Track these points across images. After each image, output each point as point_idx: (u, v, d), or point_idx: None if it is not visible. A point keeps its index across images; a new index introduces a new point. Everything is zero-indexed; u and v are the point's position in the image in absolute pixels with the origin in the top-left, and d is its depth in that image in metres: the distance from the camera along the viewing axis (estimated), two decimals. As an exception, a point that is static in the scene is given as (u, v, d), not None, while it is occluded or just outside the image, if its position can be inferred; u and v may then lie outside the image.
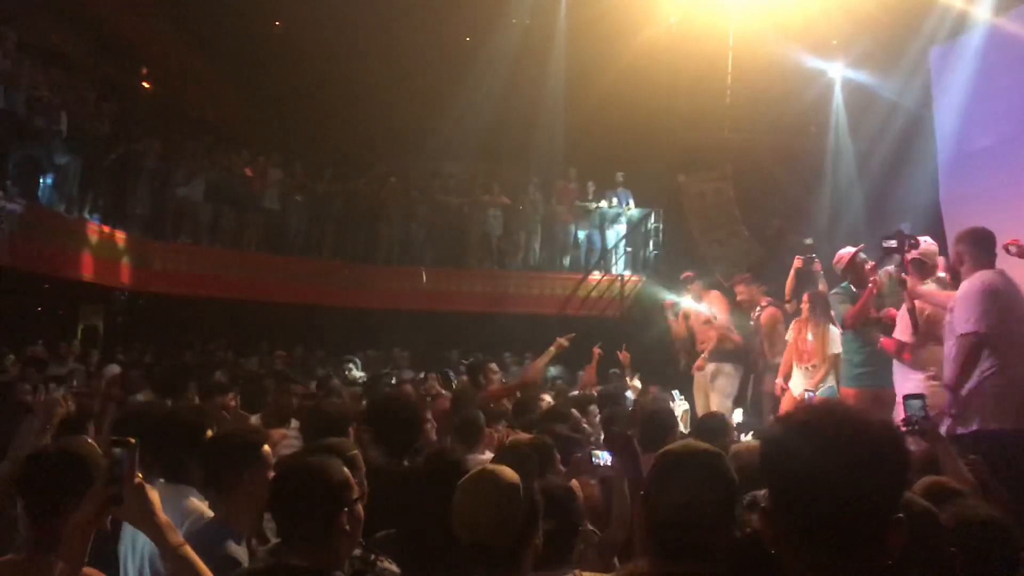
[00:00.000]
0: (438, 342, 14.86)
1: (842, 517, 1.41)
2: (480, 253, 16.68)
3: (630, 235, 16.59)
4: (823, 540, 1.42)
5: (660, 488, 2.14)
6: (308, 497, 2.39)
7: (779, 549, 1.47)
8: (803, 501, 1.43)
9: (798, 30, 11.98)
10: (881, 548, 1.43)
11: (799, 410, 1.55)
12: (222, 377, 8.84)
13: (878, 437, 1.45)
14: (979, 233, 5.08)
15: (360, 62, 15.41)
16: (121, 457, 2.08)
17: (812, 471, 1.43)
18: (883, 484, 1.44)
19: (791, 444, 1.47)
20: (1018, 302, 4.98)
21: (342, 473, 2.47)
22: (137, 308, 14.79)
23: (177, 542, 2.12)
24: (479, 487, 2.38)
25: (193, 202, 14.51)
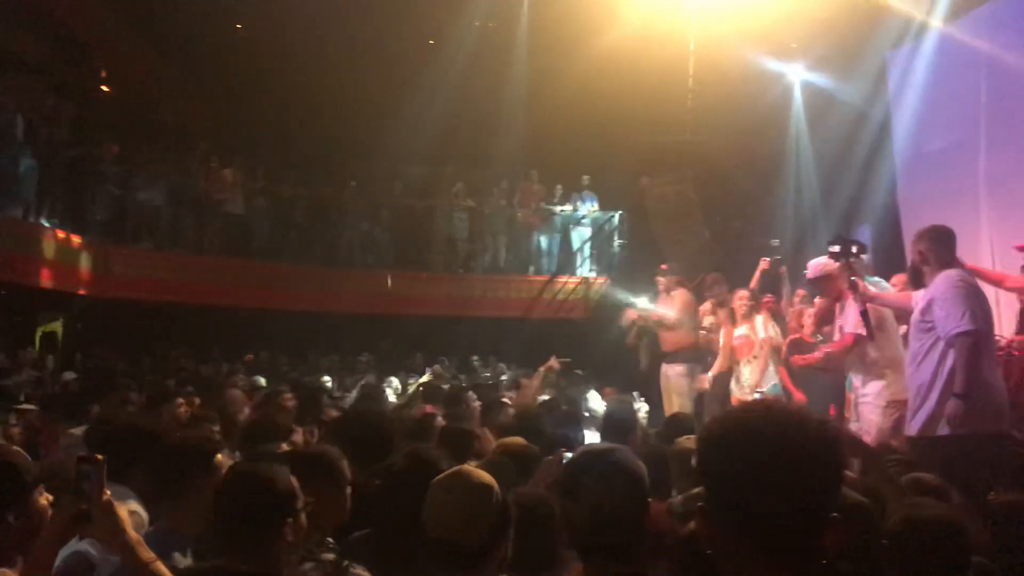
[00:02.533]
0: (403, 346, 14.83)
1: (778, 516, 1.40)
2: (445, 256, 16.66)
3: (595, 237, 16.65)
4: (759, 539, 1.41)
5: (571, 492, 2.13)
6: (252, 504, 2.38)
7: (715, 548, 1.46)
8: (739, 500, 1.42)
9: (758, 34, 12.10)
10: (818, 547, 1.42)
11: (736, 409, 1.54)
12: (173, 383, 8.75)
13: (814, 436, 1.44)
14: (941, 231, 5.04)
15: (322, 64, 15.32)
16: (88, 474, 2.06)
17: (748, 470, 1.42)
18: (819, 483, 1.42)
19: (727, 443, 1.46)
20: (986, 303, 4.97)
21: (288, 482, 2.46)
22: (96, 314, 14.55)
23: (149, 558, 2.10)
24: (451, 484, 2.39)
25: (153, 206, 14.33)
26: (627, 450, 2.29)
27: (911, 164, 10.39)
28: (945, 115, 9.81)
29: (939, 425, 4.72)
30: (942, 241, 4.99)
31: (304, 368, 13.38)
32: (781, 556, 1.41)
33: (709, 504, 1.47)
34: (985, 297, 4.99)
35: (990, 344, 4.90)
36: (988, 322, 4.86)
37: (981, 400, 4.68)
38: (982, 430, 4.66)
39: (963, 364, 4.65)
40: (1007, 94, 8.74)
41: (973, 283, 4.87)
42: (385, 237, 16.56)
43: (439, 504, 2.36)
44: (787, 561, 1.41)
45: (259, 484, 2.42)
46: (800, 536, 1.41)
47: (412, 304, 15.99)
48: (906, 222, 9.78)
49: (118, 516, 2.07)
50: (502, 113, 15.50)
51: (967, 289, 4.76)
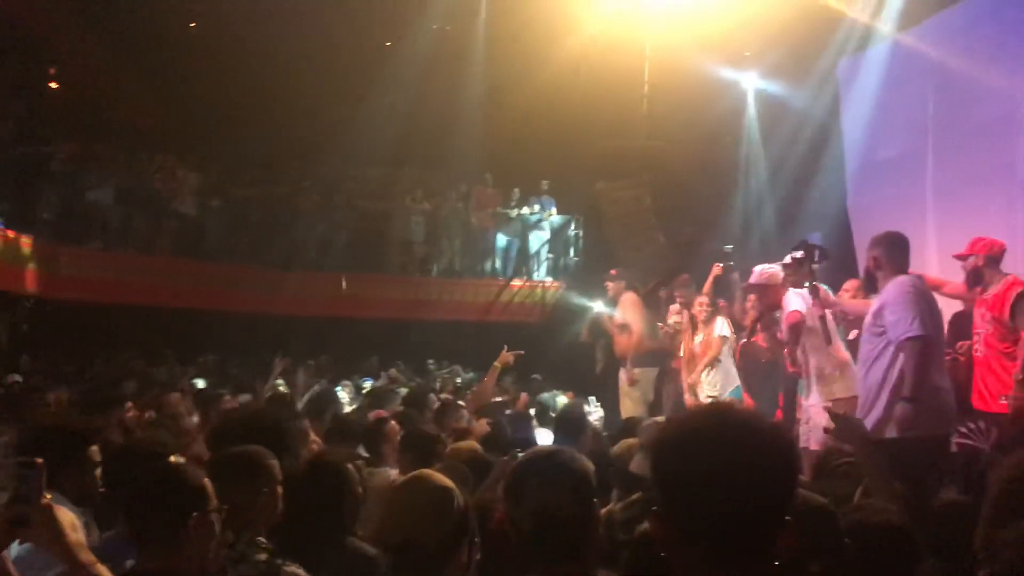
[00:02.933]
0: (358, 349, 14.73)
1: (731, 520, 1.41)
2: (401, 259, 16.60)
3: (552, 241, 16.71)
4: (712, 543, 1.42)
5: (515, 495, 2.12)
6: (157, 499, 2.39)
7: (669, 551, 1.47)
8: (692, 504, 1.43)
9: (713, 41, 12.22)
10: (771, 550, 1.43)
11: (690, 413, 1.56)
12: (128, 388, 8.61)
13: (768, 440, 1.45)
14: (895, 237, 5.12)
15: (279, 64, 15.18)
16: (28, 477, 2.02)
17: (702, 474, 1.42)
18: (772, 487, 1.44)
19: (680, 447, 1.47)
20: (936, 308, 5.05)
21: (197, 480, 2.45)
22: (44, 315, 14.26)
23: (89, 560, 2.07)
24: (412, 487, 2.42)
25: (104, 206, 14.09)
26: (573, 451, 2.27)
27: (861, 172, 10.55)
28: (895, 124, 9.98)
29: (887, 428, 4.79)
30: (895, 247, 5.08)
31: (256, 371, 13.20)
32: (735, 559, 1.42)
33: (663, 508, 1.48)
34: (935, 303, 5.09)
35: (939, 349, 5.00)
36: (938, 327, 4.95)
37: (929, 404, 4.75)
38: (929, 433, 4.75)
39: (912, 368, 4.72)
40: (954, 104, 8.92)
41: (924, 289, 4.97)
42: (340, 239, 16.45)
43: (399, 508, 2.36)
44: (741, 564, 1.42)
45: (163, 479, 2.44)
46: (754, 539, 1.42)
47: (367, 307, 15.90)
48: (856, 229, 9.93)
49: (57, 520, 2.04)
50: (459, 116, 15.48)
51: (917, 294, 4.84)
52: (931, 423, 4.76)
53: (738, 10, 11.38)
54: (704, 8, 11.73)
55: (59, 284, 13.40)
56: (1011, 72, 8.00)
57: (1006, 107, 8.09)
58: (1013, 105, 7.99)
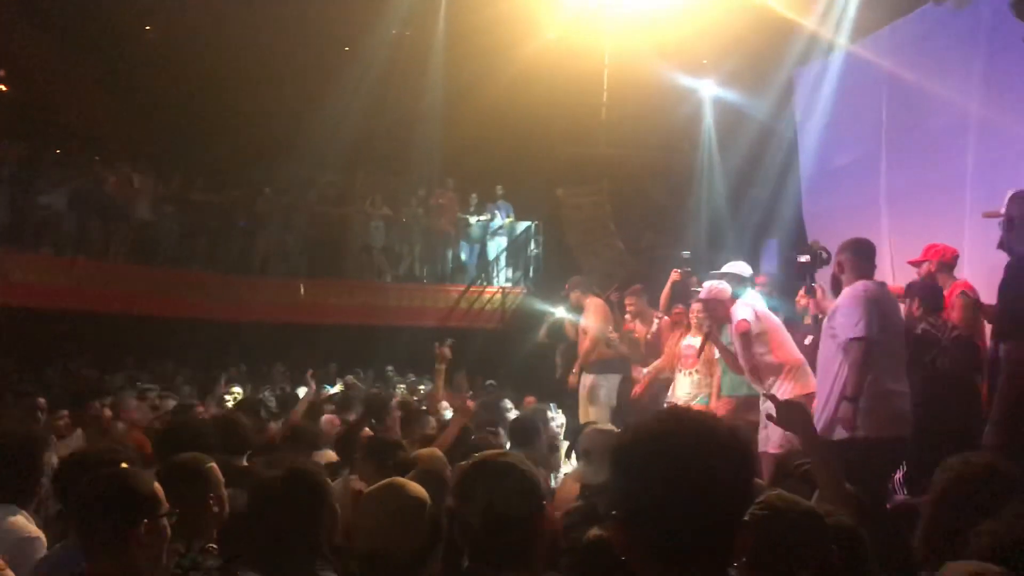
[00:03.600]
0: (317, 356, 14.60)
1: (689, 524, 1.42)
2: (360, 264, 16.50)
3: (510, 247, 16.72)
4: (671, 545, 1.43)
5: (464, 494, 2.13)
6: (104, 505, 2.36)
7: (628, 555, 1.48)
8: (650, 508, 1.44)
9: (671, 49, 12.33)
10: (728, 552, 1.45)
11: (648, 417, 1.56)
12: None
13: (724, 444, 1.46)
14: (861, 243, 5.25)
15: (236, 68, 15.03)
16: None
17: (659, 478, 1.44)
18: (729, 489, 1.45)
19: (639, 451, 1.48)
20: (894, 313, 5.17)
21: (148, 486, 2.43)
22: (-5, 323, 13.98)
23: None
24: (384, 495, 2.39)
25: (56, 211, 13.83)
26: (521, 455, 2.29)
27: (817, 179, 10.70)
28: (849, 132, 10.14)
29: (835, 429, 4.89)
30: (860, 253, 5.20)
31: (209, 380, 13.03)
32: (693, 562, 1.43)
33: (621, 511, 1.49)
34: (893, 308, 5.20)
35: (892, 352, 5.07)
36: (890, 331, 5.03)
37: (880, 406, 4.85)
38: (877, 435, 4.83)
39: (853, 368, 4.88)
40: (907, 112, 9.07)
41: (879, 295, 5.04)
42: (299, 244, 16.31)
43: (370, 516, 2.34)
44: (699, 567, 1.43)
45: (111, 485, 2.41)
46: (711, 541, 1.44)
47: (326, 313, 15.78)
48: (811, 234, 10.04)
49: None
50: (419, 121, 15.46)
51: (868, 298, 4.94)
52: (880, 425, 4.84)
53: (696, 19, 11.48)
54: (662, 16, 11.82)
55: (10, 291, 13.12)
56: (961, 82, 8.16)
57: (957, 116, 8.25)
58: (963, 114, 8.15)
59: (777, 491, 2.24)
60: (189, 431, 4.10)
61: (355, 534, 2.37)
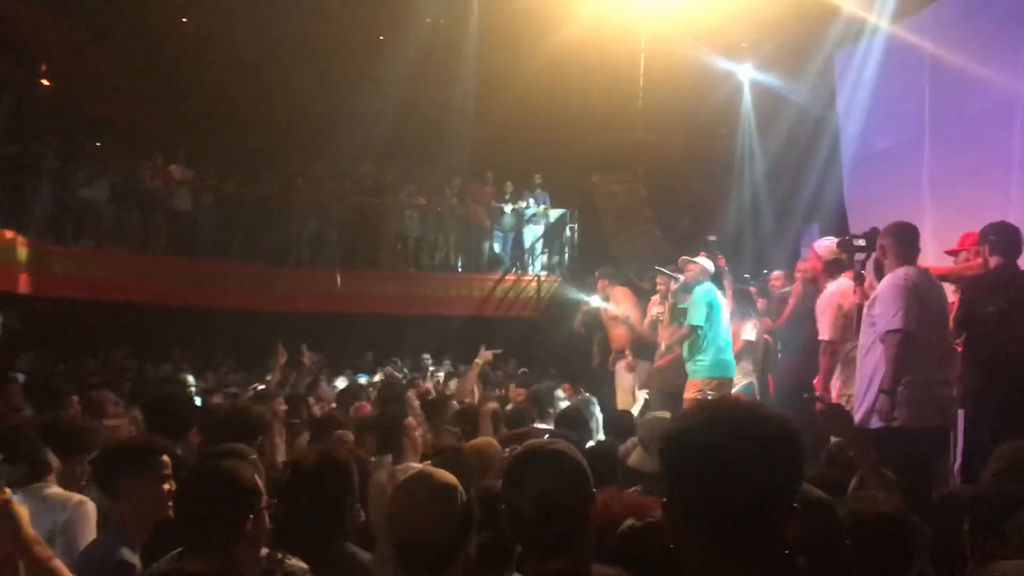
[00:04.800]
0: (353, 345, 14.69)
1: (738, 510, 1.43)
2: (396, 255, 16.57)
3: (546, 236, 16.69)
4: (721, 532, 1.44)
5: (516, 483, 2.14)
6: (216, 502, 2.36)
7: (678, 541, 1.49)
8: (700, 494, 1.45)
9: (708, 33, 12.22)
10: (778, 539, 1.46)
11: (696, 405, 1.57)
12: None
13: (773, 431, 1.47)
14: (904, 228, 5.11)
15: (271, 59, 15.14)
16: None
17: (708, 465, 1.44)
18: (778, 477, 1.46)
19: (689, 439, 1.49)
20: (935, 301, 5.01)
21: (251, 479, 2.45)
22: (37, 314, 14.21)
23: (45, 555, 2.07)
24: (415, 486, 2.39)
25: (96, 204, 14.03)
26: (570, 445, 2.30)
27: (858, 163, 10.54)
28: (891, 115, 9.97)
29: (872, 419, 4.83)
30: (902, 238, 5.07)
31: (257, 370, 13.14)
32: (742, 548, 1.44)
33: (671, 499, 1.50)
34: (934, 296, 5.04)
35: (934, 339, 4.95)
36: (931, 318, 4.91)
37: (919, 396, 4.77)
38: (918, 425, 4.74)
39: (889, 360, 4.80)
40: (951, 95, 8.90)
41: (919, 282, 4.92)
42: (334, 235, 16.41)
43: (404, 506, 2.34)
44: (748, 553, 1.44)
45: (221, 482, 2.41)
46: (760, 528, 1.44)
47: (362, 303, 15.87)
48: (852, 220, 9.91)
49: (15, 514, 2.05)
50: (453, 110, 15.45)
51: (906, 288, 4.84)
52: (919, 416, 4.75)
53: (734, 1, 11.36)
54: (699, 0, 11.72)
55: (52, 282, 13.35)
56: (1006, 62, 7.99)
57: (1002, 98, 8.08)
58: (1009, 97, 7.98)
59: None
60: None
61: (389, 523, 2.37)
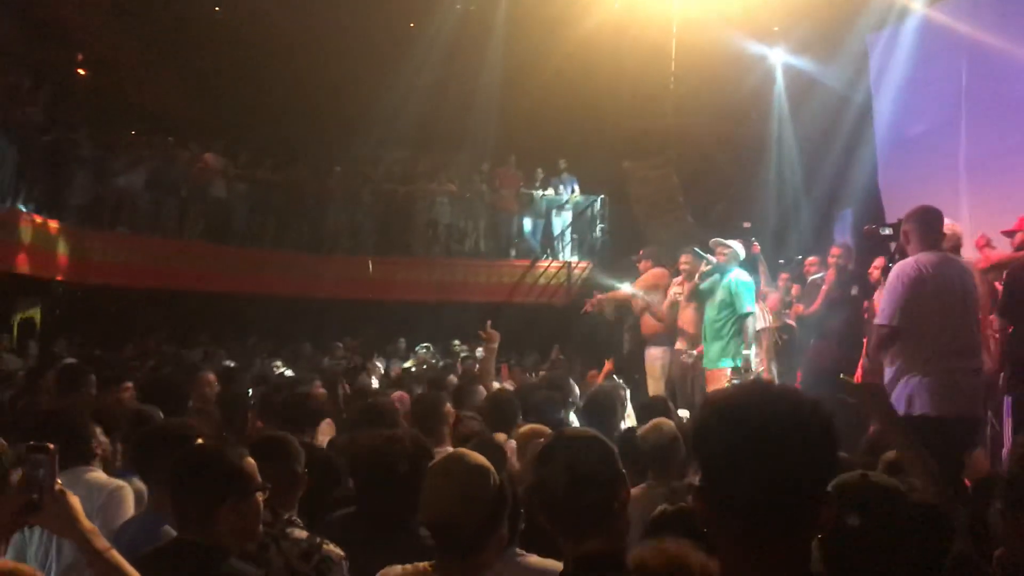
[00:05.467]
0: (385, 331, 14.79)
1: (771, 495, 1.41)
2: (427, 241, 16.61)
3: (576, 222, 16.64)
4: (753, 518, 1.43)
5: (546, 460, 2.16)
6: (196, 480, 2.43)
7: (710, 527, 1.48)
8: (733, 480, 1.43)
9: (740, 16, 12.09)
10: (811, 523, 1.45)
11: (729, 389, 1.56)
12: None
13: (807, 415, 1.45)
14: (927, 212, 4.98)
15: (303, 47, 15.21)
16: (39, 463, 2.00)
17: (741, 450, 1.43)
18: (812, 462, 1.44)
19: (720, 423, 1.48)
20: (955, 286, 4.84)
21: (237, 462, 2.48)
22: (75, 300, 14.44)
23: (103, 546, 2.05)
24: (449, 467, 2.41)
25: (132, 191, 14.21)
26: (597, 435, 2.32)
27: (893, 147, 10.43)
28: (926, 98, 9.86)
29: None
30: (925, 223, 4.93)
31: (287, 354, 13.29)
32: (775, 533, 1.43)
33: (703, 484, 1.49)
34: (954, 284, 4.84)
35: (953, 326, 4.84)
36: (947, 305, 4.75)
37: (940, 383, 4.65)
38: (937, 413, 4.62)
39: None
40: (987, 77, 8.78)
41: (933, 271, 4.78)
42: (366, 222, 16.49)
43: (437, 488, 2.38)
44: (782, 538, 1.43)
45: (207, 459, 2.48)
46: (795, 514, 1.43)
47: (394, 289, 15.94)
48: (888, 205, 9.82)
49: (71, 505, 2.03)
50: (483, 96, 15.43)
51: (902, 283, 4.75)
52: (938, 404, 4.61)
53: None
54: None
55: (90, 269, 13.55)
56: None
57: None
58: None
59: None
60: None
61: (423, 504, 2.41)
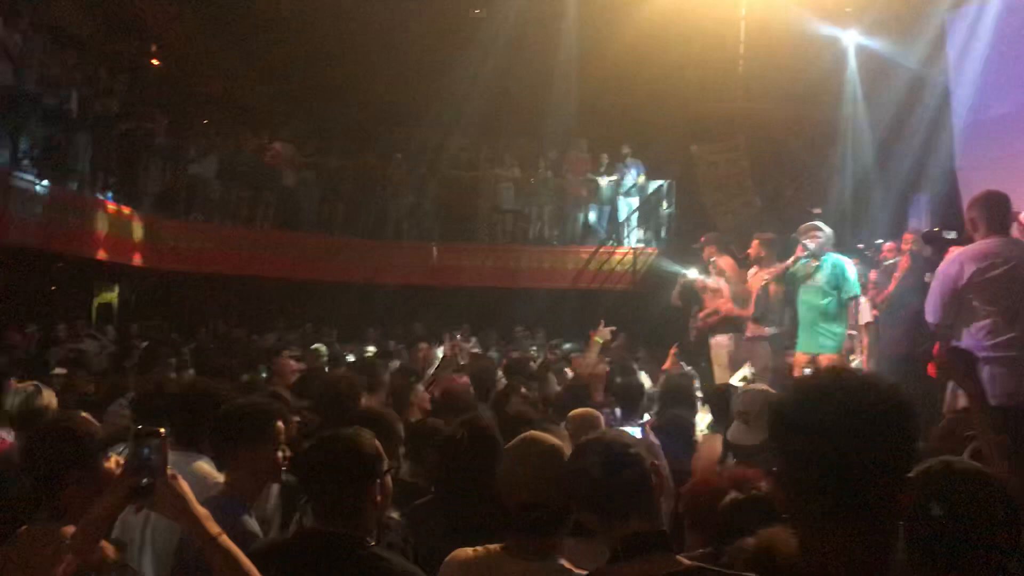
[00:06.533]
0: (449, 317, 14.87)
1: (850, 481, 1.42)
2: (491, 227, 16.65)
3: (642, 207, 16.51)
4: (831, 504, 1.43)
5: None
6: (340, 468, 2.44)
7: (789, 512, 1.50)
8: (812, 465, 1.44)
9: (811, -2, 11.86)
10: (891, 508, 1.45)
11: (807, 376, 1.55)
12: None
13: (886, 399, 1.46)
14: (992, 197, 4.86)
15: (369, 35, 15.33)
16: (151, 447, 2.00)
17: (821, 435, 1.44)
18: (891, 447, 1.44)
19: (799, 408, 1.48)
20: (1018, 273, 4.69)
21: (373, 445, 2.52)
22: (150, 285, 14.82)
23: (216, 532, 2.08)
24: (522, 449, 2.45)
25: (204, 179, 14.51)
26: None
27: (970, 130, 10.13)
28: (1006, 79, 9.56)
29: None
30: (991, 208, 4.82)
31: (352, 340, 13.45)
32: (854, 519, 1.43)
33: (782, 469, 1.50)
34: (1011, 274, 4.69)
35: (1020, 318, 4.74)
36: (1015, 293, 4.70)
37: (1008, 372, 4.57)
38: (1011, 403, 4.49)
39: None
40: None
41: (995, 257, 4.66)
42: (431, 209, 16.60)
43: (515, 470, 2.40)
44: (861, 522, 1.43)
45: (344, 446, 2.48)
46: (873, 497, 1.43)
47: (458, 276, 16.04)
48: (964, 190, 9.55)
49: (183, 490, 2.04)
50: (550, 82, 15.38)
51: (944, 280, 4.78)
52: (1011, 394, 4.52)
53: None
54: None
55: (163, 255, 13.88)
56: None
57: None
58: None
59: None
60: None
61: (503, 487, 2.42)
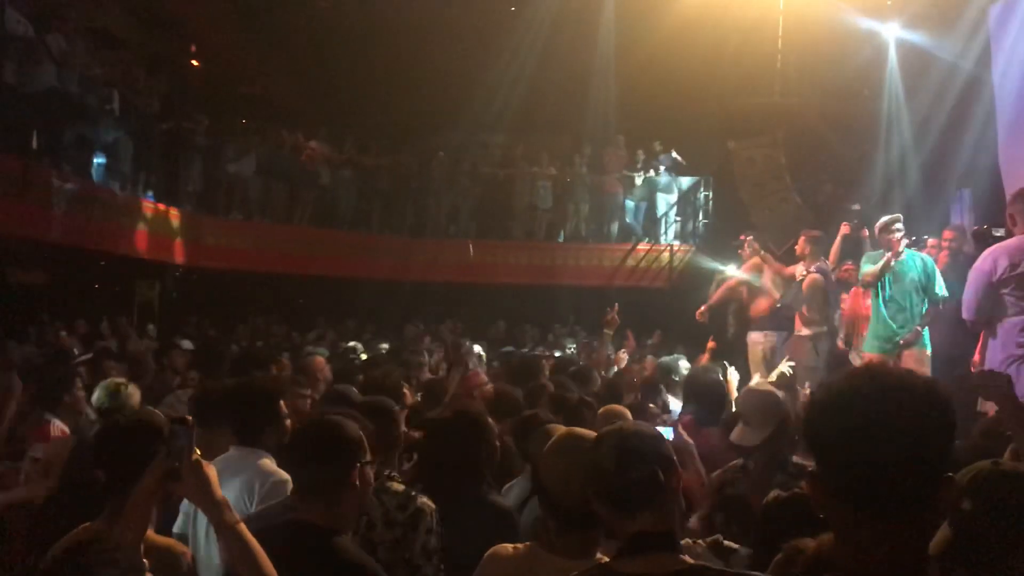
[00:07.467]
0: (485, 314, 14.91)
1: (889, 478, 1.41)
2: (527, 225, 16.65)
3: (679, 204, 16.41)
4: (871, 502, 1.42)
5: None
6: (322, 452, 2.47)
7: (827, 512, 1.48)
8: (849, 464, 1.43)
9: (851, -9, 11.69)
10: (931, 507, 1.44)
11: (841, 374, 1.53)
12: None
13: (922, 397, 1.44)
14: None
15: (405, 34, 15.38)
16: (179, 433, 2.15)
17: (857, 434, 1.42)
18: (929, 444, 1.43)
19: (835, 407, 1.47)
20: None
21: (356, 432, 2.54)
22: (190, 283, 15.02)
23: (232, 520, 2.14)
24: (565, 445, 2.43)
25: (244, 178, 14.67)
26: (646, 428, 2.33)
27: (1016, 124, 9.92)
28: (1053, 72, 9.34)
29: None
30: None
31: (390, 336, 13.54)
32: (893, 515, 1.42)
33: (819, 468, 1.49)
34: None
35: None
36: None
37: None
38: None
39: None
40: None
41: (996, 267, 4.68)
42: (467, 206, 16.64)
43: (557, 467, 2.38)
44: (900, 520, 1.42)
45: (326, 433, 2.52)
46: (911, 495, 1.42)
47: (494, 273, 16.07)
48: (1008, 185, 9.35)
49: (207, 475, 2.13)
50: (586, 78, 15.34)
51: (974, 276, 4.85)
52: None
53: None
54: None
55: (203, 253, 14.05)
56: None
57: None
58: None
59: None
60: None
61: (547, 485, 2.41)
